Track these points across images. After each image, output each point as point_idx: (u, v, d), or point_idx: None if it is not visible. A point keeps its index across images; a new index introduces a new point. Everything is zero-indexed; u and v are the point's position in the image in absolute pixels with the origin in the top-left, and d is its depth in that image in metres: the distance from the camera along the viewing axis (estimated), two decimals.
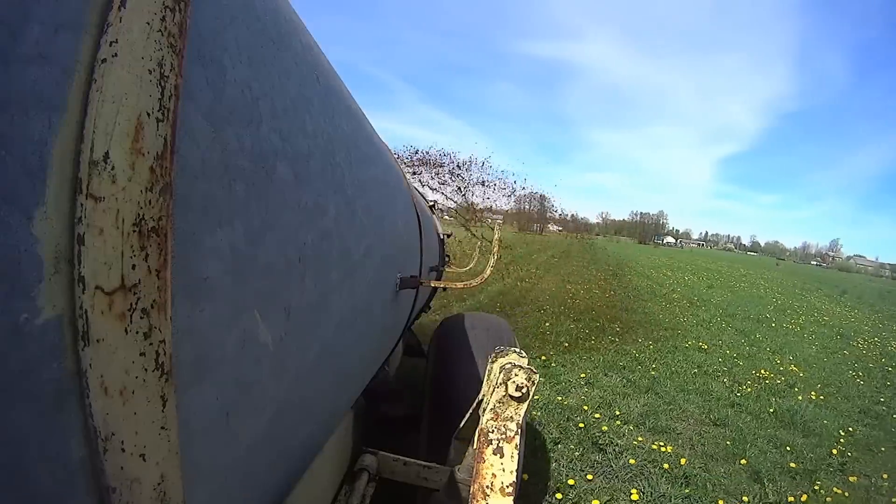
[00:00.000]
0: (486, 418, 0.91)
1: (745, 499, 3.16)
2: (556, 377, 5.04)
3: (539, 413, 4.11)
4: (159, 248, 0.38)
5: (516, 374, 0.89)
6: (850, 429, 4.54)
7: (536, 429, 3.80)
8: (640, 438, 3.89)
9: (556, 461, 3.37)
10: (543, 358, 5.61)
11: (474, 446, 0.97)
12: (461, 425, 1.21)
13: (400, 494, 1.68)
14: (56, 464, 0.33)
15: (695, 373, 5.81)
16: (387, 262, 1.21)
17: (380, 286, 1.15)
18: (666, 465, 3.46)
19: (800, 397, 5.30)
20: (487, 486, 0.85)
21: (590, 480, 3.16)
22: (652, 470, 3.41)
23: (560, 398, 4.46)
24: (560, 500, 2.91)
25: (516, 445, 0.88)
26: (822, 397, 5.40)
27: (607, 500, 2.99)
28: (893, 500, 3.29)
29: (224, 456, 0.52)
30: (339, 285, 0.83)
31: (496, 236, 2.05)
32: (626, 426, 4.10)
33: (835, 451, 3.96)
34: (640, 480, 3.26)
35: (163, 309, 0.38)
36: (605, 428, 3.97)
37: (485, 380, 1.06)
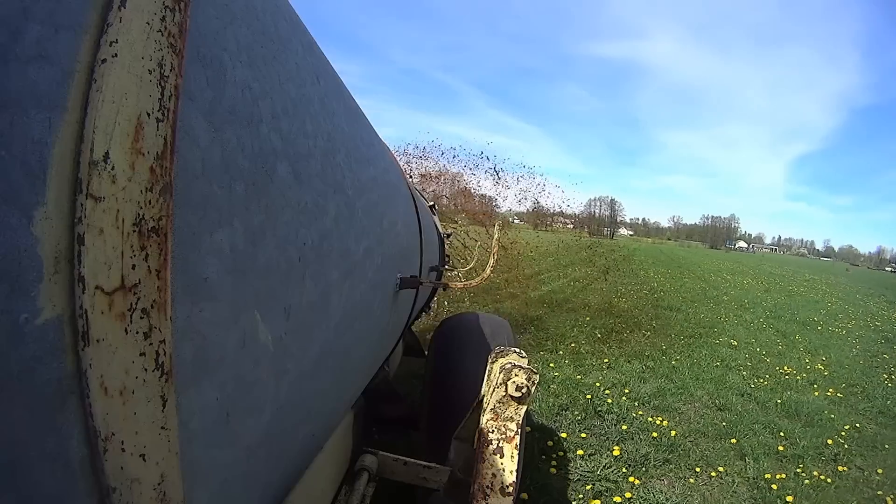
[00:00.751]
0: (486, 418, 0.91)
1: (720, 469, 3.40)
2: (581, 360, 5.48)
3: (555, 386, 4.57)
4: (159, 248, 0.38)
5: (516, 375, 0.89)
6: (858, 425, 4.46)
7: (550, 398, 4.25)
8: (640, 412, 4.20)
9: (558, 421, 3.87)
10: (573, 345, 6.05)
11: (474, 446, 0.97)
12: (461, 425, 1.21)
13: (400, 494, 1.68)
14: (56, 464, 0.33)
15: (716, 365, 5.87)
16: (387, 262, 1.21)
17: (380, 286, 1.15)
18: (655, 434, 3.79)
19: (816, 393, 5.26)
20: (487, 486, 0.85)
21: (582, 438, 3.65)
22: (641, 436, 3.76)
23: (579, 377, 4.92)
24: (551, 446, 3.43)
25: (516, 445, 0.89)
26: (840, 395, 5.30)
27: (591, 453, 3.43)
28: (879, 493, 3.23)
29: (224, 456, 0.52)
30: (339, 285, 0.83)
31: (496, 237, 2.05)
32: (630, 402, 4.41)
33: (830, 442, 3.95)
34: (627, 442, 3.64)
35: (163, 309, 0.38)
36: (611, 402, 4.33)
37: (485, 380, 1.06)
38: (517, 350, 1.00)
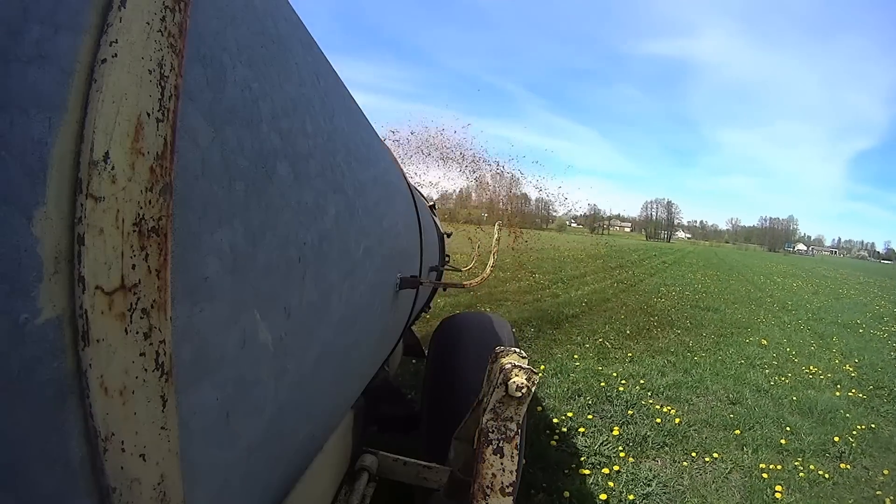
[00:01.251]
0: (486, 418, 0.91)
1: (715, 455, 3.49)
2: (606, 354, 5.70)
3: (575, 375, 4.79)
4: (159, 248, 0.38)
5: (516, 375, 0.89)
6: (874, 426, 4.33)
7: (566, 384, 4.52)
8: (650, 401, 4.33)
9: (569, 404, 4.13)
10: (601, 340, 6.25)
11: (474, 446, 0.97)
12: (461, 425, 1.21)
13: (400, 494, 1.68)
14: (56, 464, 0.33)
15: (740, 363, 5.84)
16: (387, 262, 1.21)
17: (380, 286, 1.15)
18: (658, 420, 3.92)
19: (837, 393, 5.13)
20: (487, 486, 0.85)
21: (588, 418, 3.85)
22: (645, 421, 3.93)
23: (600, 368, 5.12)
24: (557, 423, 3.72)
25: (516, 445, 0.88)
26: (862, 396, 5.14)
27: (592, 430, 3.67)
28: (878, 493, 3.18)
29: (224, 456, 0.52)
30: (339, 285, 0.83)
31: (495, 237, 2.05)
32: (643, 392, 4.55)
33: (837, 439, 3.88)
34: (629, 425, 3.82)
35: (163, 309, 0.38)
36: (622, 389, 4.50)
37: (485, 380, 1.06)
38: (517, 350, 1.00)
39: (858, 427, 4.23)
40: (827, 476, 3.31)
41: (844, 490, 3.20)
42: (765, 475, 3.26)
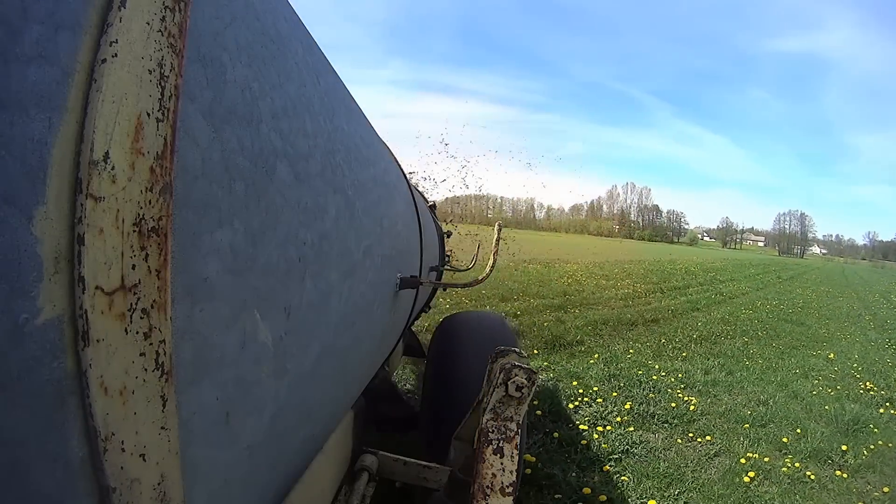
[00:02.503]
0: (486, 418, 0.91)
1: (708, 437, 3.67)
2: (661, 352, 6.03)
3: (622, 364, 5.23)
4: (159, 248, 0.38)
5: (516, 374, 0.89)
6: None
7: (610, 370, 4.96)
8: (677, 391, 4.57)
9: (602, 384, 4.58)
10: (663, 341, 6.61)
11: (474, 446, 0.97)
12: (461, 425, 1.21)
13: (400, 494, 1.68)
14: (56, 464, 0.33)
15: (794, 373, 5.81)
16: (387, 262, 1.21)
17: (380, 286, 1.15)
18: (674, 405, 4.19)
19: (881, 410, 4.79)
20: (487, 486, 0.85)
21: (613, 395, 4.30)
22: (661, 404, 4.21)
23: (649, 362, 5.51)
24: (582, 394, 4.22)
25: (516, 445, 0.88)
26: None
27: (609, 403, 4.09)
28: None
29: (224, 456, 0.52)
30: (339, 285, 0.83)
31: (495, 237, 2.05)
32: (675, 383, 4.81)
33: (845, 448, 3.74)
34: (644, 404, 4.13)
35: (163, 309, 0.38)
36: (656, 378, 4.84)
37: (485, 380, 1.06)
38: (517, 350, 1.01)
39: (879, 443, 3.99)
40: (813, 478, 3.24)
41: (827, 494, 3.11)
42: (743, 460, 3.34)
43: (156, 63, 0.37)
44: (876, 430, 4.27)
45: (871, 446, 3.93)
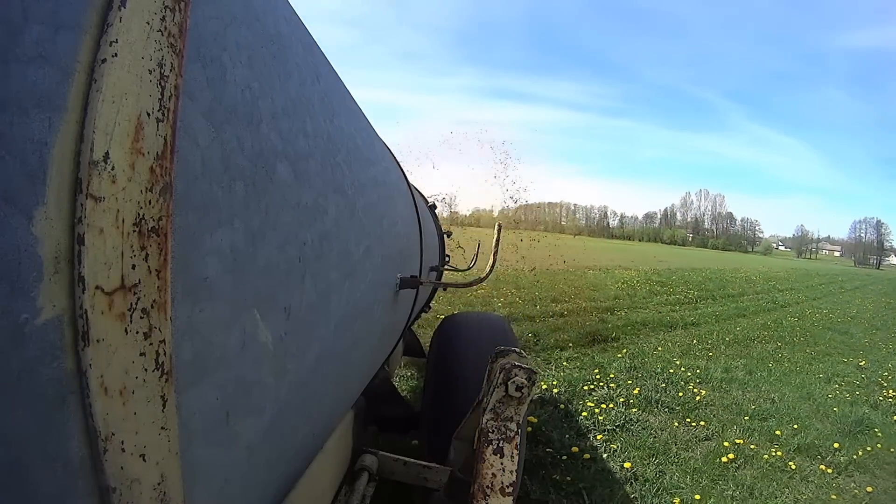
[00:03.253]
0: (486, 418, 0.91)
1: (703, 423, 3.88)
2: (688, 351, 6.22)
3: (646, 359, 5.48)
4: (159, 248, 0.38)
5: (516, 374, 0.89)
6: None
7: (634, 364, 5.24)
8: (690, 385, 4.70)
9: (622, 374, 4.87)
10: (694, 342, 6.79)
11: (474, 446, 0.97)
12: (461, 425, 1.21)
13: (400, 494, 1.68)
14: (56, 464, 0.33)
15: (819, 377, 5.73)
16: (387, 262, 1.21)
17: (380, 286, 1.15)
18: (681, 394, 4.40)
19: (894, 417, 4.64)
20: (487, 486, 0.85)
21: (627, 383, 4.58)
22: (669, 392, 4.44)
23: (673, 359, 5.71)
24: (599, 378, 4.63)
25: (516, 445, 0.88)
26: None
27: (620, 387, 4.40)
28: (835, 498, 2.96)
29: (224, 456, 0.52)
30: (339, 285, 0.83)
31: (495, 237, 2.05)
32: (692, 377, 4.97)
33: (837, 445, 3.71)
34: (653, 392, 4.37)
35: (163, 309, 0.38)
36: (672, 371, 5.06)
37: (485, 380, 1.06)
38: (517, 350, 1.00)
39: (878, 446, 3.87)
40: (794, 467, 3.25)
41: (805, 485, 3.09)
42: (725, 443, 3.46)
43: (156, 63, 0.37)
44: (879, 433, 4.18)
45: (869, 448, 3.86)
